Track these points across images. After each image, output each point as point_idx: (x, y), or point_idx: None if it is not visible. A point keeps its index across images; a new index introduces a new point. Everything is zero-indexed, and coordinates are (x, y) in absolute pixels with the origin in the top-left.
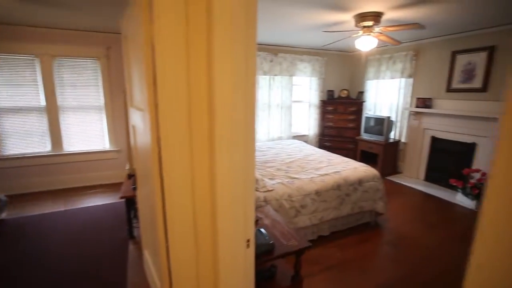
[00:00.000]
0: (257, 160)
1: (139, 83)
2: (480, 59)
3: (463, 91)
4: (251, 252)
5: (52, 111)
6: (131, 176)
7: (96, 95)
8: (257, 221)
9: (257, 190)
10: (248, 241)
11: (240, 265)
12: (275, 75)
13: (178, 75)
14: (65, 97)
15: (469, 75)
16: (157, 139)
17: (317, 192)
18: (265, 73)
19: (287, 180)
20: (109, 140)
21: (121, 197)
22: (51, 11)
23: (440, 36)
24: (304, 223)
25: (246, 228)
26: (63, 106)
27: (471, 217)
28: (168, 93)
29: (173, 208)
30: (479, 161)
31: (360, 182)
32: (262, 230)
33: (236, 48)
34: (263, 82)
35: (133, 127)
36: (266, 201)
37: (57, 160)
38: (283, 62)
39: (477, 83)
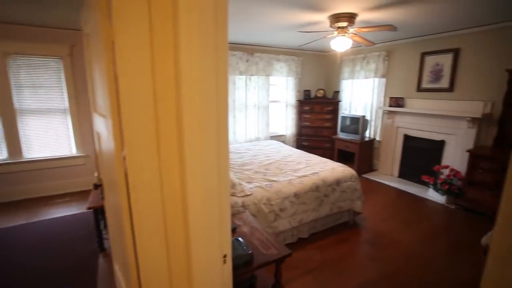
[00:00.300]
0: (234, 162)
1: (101, 87)
2: (446, 60)
3: (432, 91)
4: (228, 267)
5: (7, 115)
6: (98, 186)
7: (60, 97)
8: (235, 229)
9: (234, 195)
10: (225, 256)
11: (217, 283)
12: (252, 75)
13: (142, 79)
14: (24, 99)
15: (437, 75)
16: (121, 148)
17: (296, 195)
18: (241, 73)
19: (265, 183)
20: (75, 145)
21: (89, 208)
22: (4, 3)
23: (410, 37)
24: (283, 227)
25: (222, 242)
26: (22, 110)
27: (442, 211)
28: (132, 98)
29: (142, 220)
30: (448, 158)
31: (338, 182)
32: (240, 239)
33: (205, 47)
34: (239, 82)
35: (98, 134)
36: (244, 206)
37: (16, 169)
38: (260, 62)
39: (444, 83)
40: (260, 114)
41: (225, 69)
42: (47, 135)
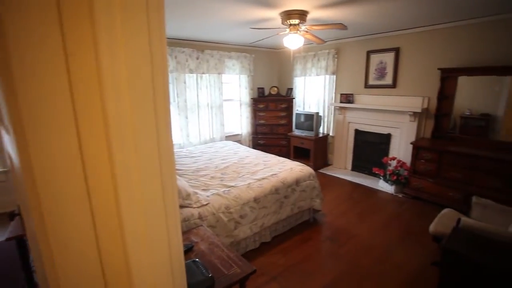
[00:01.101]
0: (188, 168)
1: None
2: (389, 58)
3: (378, 87)
4: None
5: None
6: (14, 215)
7: None
8: (191, 248)
9: (190, 206)
10: None
11: None
12: (203, 73)
13: (52, 81)
14: None
15: (381, 73)
16: (29, 169)
17: (256, 199)
18: (191, 71)
19: (223, 189)
20: None
21: (8, 239)
22: None
23: (357, 36)
24: (245, 234)
25: (174, 280)
26: None
27: (392, 201)
28: (38, 106)
29: (66, 259)
30: (394, 150)
31: (297, 182)
32: (198, 260)
33: (135, 41)
34: (190, 81)
35: (8, 154)
36: (201, 217)
37: None
38: (211, 60)
39: (388, 80)
40: (213, 114)
41: (163, 66)
42: None
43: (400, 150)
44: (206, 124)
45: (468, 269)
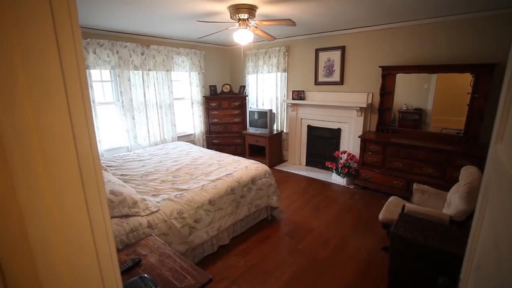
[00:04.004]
0: (136, 173)
1: None
2: (336, 56)
3: (327, 84)
4: None
5: None
6: None
7: None
8: (139, 262)
9: (138, 215)
10: None
11: None
12: (149, 70)
13: None
14: None
15: (330, 70)
16: None
17: (211, 201)
18: (136, 68)
19: (174, 193)
20: None
21: None
22: None
23: (306, 34)
24: (201, 239)
25: None
26: None
27: (344, 192)
28: None
29: None
30: (344, 144)
31: (253, 181)
32: (146, 275)
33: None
34: (135, 78)
35: None
36: (151, 226)
37: None
38: (157, 56)
39: (336, 77)
40: (163, 114)
41: (79, 60)
42: None
43: (350, 144)
44: (156, 124)
45: (414, 251)
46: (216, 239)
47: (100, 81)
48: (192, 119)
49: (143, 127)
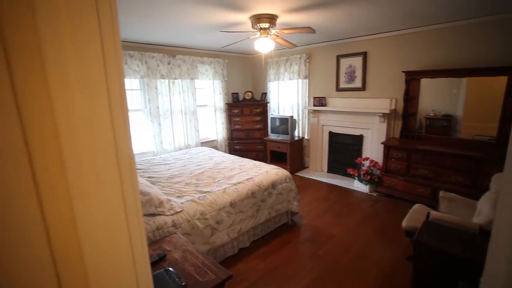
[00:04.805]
0: (162, 175)
1: None
2: (358, 62)
3: (348, 90)
4: None
5: None
6: None
7: None
8: (164, 257)
9: (163, 214)
10: None
11: None
12: (175, 78)
13: None
14: None
15: (351, 76)
16: None
17: (232, 204)
18: (163, 77)
19: (198, 195)
20: None
21: None
22: None
23: (327, 41)
24: (222, 240)
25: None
26: None
27: (366, 200)
28: None
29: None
30: (367, 151)
31: (273, 185)
32: (171, 269)
33: (84, 40)
34: (162, 87)
35: None
36: (175, 225)
37: None
38: (182, 65)
39: (358, 83)
40: (188, 120)
41: (119, 70)
42: None
43: (372, 150)
44: (180, 130)
45: (438, 259)
46: (237, 241)
47: (130, 89)
48: (215, 126)
49: (169, 133)
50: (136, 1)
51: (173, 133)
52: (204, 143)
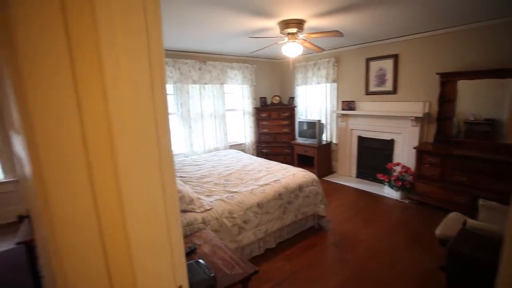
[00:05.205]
0: (192, 175)
1: (9, 94)
2: (388, 65)
3: (378, 94)
4: None
5: None
6: (23, 217)
7: None
8: (194, 250)
9: (193, 211)
10: (180, 287)
11: None
12: (206, 83)
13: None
14: None
15: (381, 79)
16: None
17: (259, 204)
18: (194, 82)
19: (226, 195)
20: (2, 169)
21: (18, 243)
22: None
23: (355, 44)
24: (249, 240)
25: (175, 272)
26: None
27: (397, 206)
28: (47, 107)
29: (74, 259)
30: (398, 156)
31: (300, 188)
32: (201, 261)
33: (134, 52)
34: (193, 91)
35: (17, 157)
36: (205, 222)
37: None
38: (213, 70)
39: (388, 86)
40: (217, 124)
41: (161, 75)
42: None
43: (404, 156)
44: (210, 133)
45: (474, 270)
46: (263, 242)
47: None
48: (243, 129)
49: (199, 136)
50: (176, 13)
51: (203, 136)
52: (232, 146)
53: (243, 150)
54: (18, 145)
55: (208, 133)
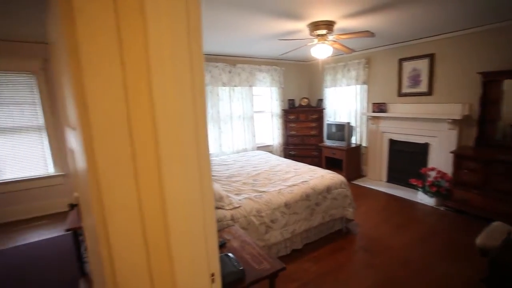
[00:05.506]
0: (221, 174)
1: (68, 94)
2: (423, 65)
3: (412, 95)
4: (217, 287)
5: None
6: (74, 206)
7: (33, 114)
8: (224, 245)
9: (222, 208)
10: (213, 275)
11: None
12: (235, 86)
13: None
14: None
15: (415, 80)
16: (93, 162)
17: (287, 204)
18: (224, 85)
19: (254, 194)
20: (53, 163)
21: (67, 230)
22: None
23: (387, 45)
24: (276, 239)
25: (209, 261)
26: None
27: (432, 214)
28: (102, 107)
29: (119, 244)
30: (433, 160)
31: (328, 190)
32: (230, 254)
33: (178, 55)
34: (223, 93)
35: (71, 150)
36: (233, 219)
37: None
38: (242, 73)
39: (423, 87)
40: (245, 125)
41: (201, 78)
42: (21, 154)
43: (440, 160)
44: (239, 134)
45: None
46: (290, 242)
47: None
48: (271, 131)
49: (228, 137)
50: (212, 18)
51: (232, 137)
52: (260, 148)
53: (271, 152)
54: (72, 139)
55: (236, 134)
